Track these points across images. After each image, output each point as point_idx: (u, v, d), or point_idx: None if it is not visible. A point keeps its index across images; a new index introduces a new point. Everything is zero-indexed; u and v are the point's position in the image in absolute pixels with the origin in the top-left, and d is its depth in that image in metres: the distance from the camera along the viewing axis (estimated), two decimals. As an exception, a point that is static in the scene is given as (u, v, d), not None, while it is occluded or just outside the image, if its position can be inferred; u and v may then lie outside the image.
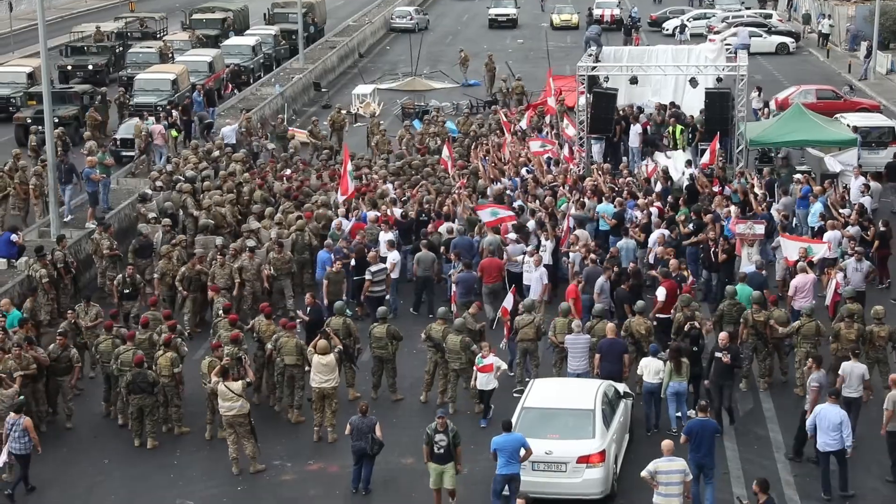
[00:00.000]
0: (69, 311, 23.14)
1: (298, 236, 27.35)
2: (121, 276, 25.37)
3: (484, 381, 20.89)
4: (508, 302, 23.08)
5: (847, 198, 30.21)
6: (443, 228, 27.57)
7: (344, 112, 43.79)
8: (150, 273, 26.50)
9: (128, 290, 25.01)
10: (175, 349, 21.25)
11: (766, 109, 40.50)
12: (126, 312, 24.94)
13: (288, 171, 33.31)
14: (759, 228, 26.44)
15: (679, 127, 36.19)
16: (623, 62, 38.34)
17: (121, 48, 55.45)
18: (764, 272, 24.80)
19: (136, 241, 27.30)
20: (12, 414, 19.05)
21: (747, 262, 25.84)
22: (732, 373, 20.67)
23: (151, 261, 26.91)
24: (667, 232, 26.79)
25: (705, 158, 32.90)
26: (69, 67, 51.61)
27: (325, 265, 25.93)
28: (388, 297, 26.03)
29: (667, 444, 17.36)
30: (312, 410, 21.05)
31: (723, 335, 20.74)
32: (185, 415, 21.35)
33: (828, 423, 18.45)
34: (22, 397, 19.78)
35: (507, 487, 17.75)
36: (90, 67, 51.61)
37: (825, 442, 18.55)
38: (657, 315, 23.21)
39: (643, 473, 17.20)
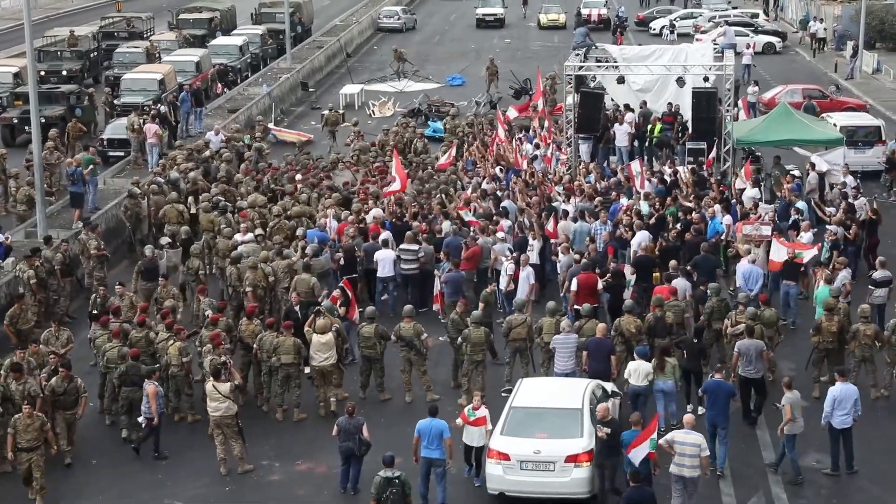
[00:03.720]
0: (32, 344, 21.64)
1: (298, 224, 27.87)
2: (94, 296, 24.26)
3: (476, 437, 19.06)
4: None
5: (830, 198, 30.39)
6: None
7: (341, 112, 44.09)
8: (157, 294, 24.88)
9: (96, 312, 23.38)
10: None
11: (735, 110, 39.63)
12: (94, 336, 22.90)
13: (299, 176, 33.16)
14: (766, 230, 26.48)
15: (658, 125, 36.27)
16: (613, 61, 38.40)
17: (96, 53, 54.89)
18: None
19: (142, 263, 25.97)
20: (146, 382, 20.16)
21: (745, 260, 25.88)
22: (617, 450, 18.35)
23: (156, 284, 25.26)
24: (648, 234, 26.70)
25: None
26: (42, 72, 49.28)
27: (318, 241, 26.46)
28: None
29: (688, 417, 18.14)
30: (314, 388, 21.65)
31: (601, 406, 18.46)
32: (196, 403, 21.44)
33: (847, 400, 19.10)
34: (158, 365, 20.82)
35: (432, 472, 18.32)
36: (64, 73, 50.25)
37: (843, 420, 19.16)
38: (574, 307, 23.72)
39: (660, 441, 17.82)
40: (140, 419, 20.37)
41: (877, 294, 24.40)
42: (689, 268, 24.71)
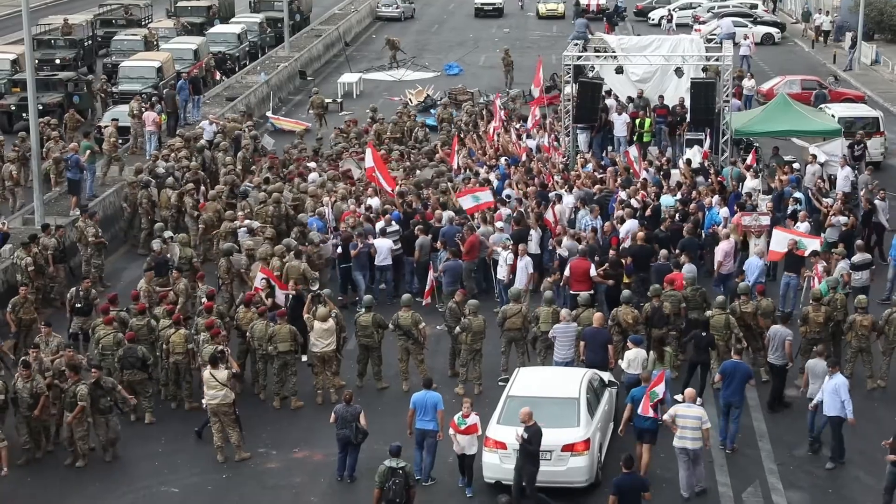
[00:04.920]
0: (68, 350, 20.95)
1: (276, 209, 28.16)
2: (73, 289, 23.62)
3: (466, 445, 18.51)
4: None
5: (829, 188, 30.45)
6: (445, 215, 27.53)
7: (329, 100, 44.22)
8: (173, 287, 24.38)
9: (80, 305, 23.21)
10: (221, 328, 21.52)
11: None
12: (76, 332, 23.17)
13: (313, 165, 33.15)
14: (765, 220, 26.50)
15: (648, 120, 36.28)
16: (611, 52, 38.40)
17: (90, 41, 54.69)
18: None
19: (151, 258, 25.46)
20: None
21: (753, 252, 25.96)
22: (536, 458, 17.80)
23: (168, 279, 24.64)
24: (636, 223, 26.74)
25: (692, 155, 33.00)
26: (35, 61, 49.30)
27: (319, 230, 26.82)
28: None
29: (689, 392, 18.69)
30: (313, 375, 21.80)
31: (523, 411, 17.89)
32: (194, 391, 21.51)
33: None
34: (220, 347, 20.50)
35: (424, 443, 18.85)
36: (57, 61, 49.67)
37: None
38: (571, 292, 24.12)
39: (664, 416, 18.41)
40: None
41: (857, 277, 24.58)
42: (678, 251, 24.86)
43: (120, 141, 35.97)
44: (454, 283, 24.77)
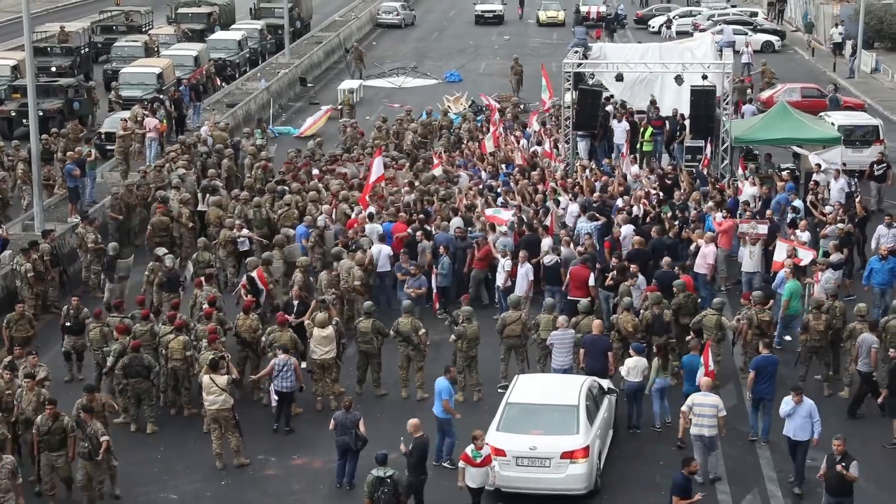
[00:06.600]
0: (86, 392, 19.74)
1: (256, 213, 28.25)
2: (65, 308, 23.17)
3: (479, 479, 17.83)
4: None
5: (827, 196, 30.49)
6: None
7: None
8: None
9: (70, 324, 22.73)
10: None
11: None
12: (68, 350, 22.92)
13: (316, 171, 33.15)
14: (762, 228, 26.53)
15: (650, 129, 36.28)
16: (609, 59, 38.42)
17: (87, 49, 54.67)
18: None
19: (163, 274, 24.89)
20: (282, 356, 20.51)
21: (748, 260, 25.95)
22: (422, 469, 17.85)
23: (179, 295, 24.48)
24: (631, 228, 26.81)
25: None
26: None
27: (302, 238, 26.96)
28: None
29: (704, 380, 19.26)
30: (313, 381, 21.81)
31: (411, 422, 18.01)
32: (193, 397, 21.46)
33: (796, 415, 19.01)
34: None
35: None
36: (53, 69, 49.40)
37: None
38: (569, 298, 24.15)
39: (683, 408, 18.97)
40: (274, 398, 20.75)
41: (829, 276, 24.53)
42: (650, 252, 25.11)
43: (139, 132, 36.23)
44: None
